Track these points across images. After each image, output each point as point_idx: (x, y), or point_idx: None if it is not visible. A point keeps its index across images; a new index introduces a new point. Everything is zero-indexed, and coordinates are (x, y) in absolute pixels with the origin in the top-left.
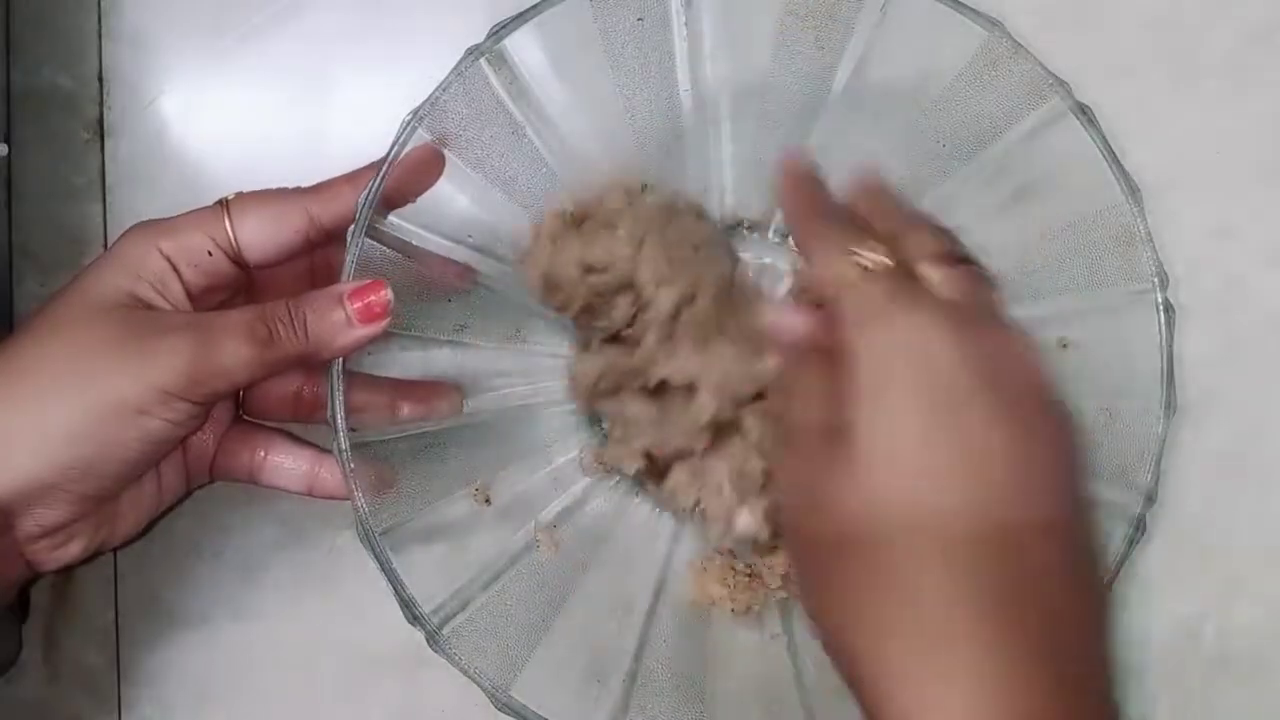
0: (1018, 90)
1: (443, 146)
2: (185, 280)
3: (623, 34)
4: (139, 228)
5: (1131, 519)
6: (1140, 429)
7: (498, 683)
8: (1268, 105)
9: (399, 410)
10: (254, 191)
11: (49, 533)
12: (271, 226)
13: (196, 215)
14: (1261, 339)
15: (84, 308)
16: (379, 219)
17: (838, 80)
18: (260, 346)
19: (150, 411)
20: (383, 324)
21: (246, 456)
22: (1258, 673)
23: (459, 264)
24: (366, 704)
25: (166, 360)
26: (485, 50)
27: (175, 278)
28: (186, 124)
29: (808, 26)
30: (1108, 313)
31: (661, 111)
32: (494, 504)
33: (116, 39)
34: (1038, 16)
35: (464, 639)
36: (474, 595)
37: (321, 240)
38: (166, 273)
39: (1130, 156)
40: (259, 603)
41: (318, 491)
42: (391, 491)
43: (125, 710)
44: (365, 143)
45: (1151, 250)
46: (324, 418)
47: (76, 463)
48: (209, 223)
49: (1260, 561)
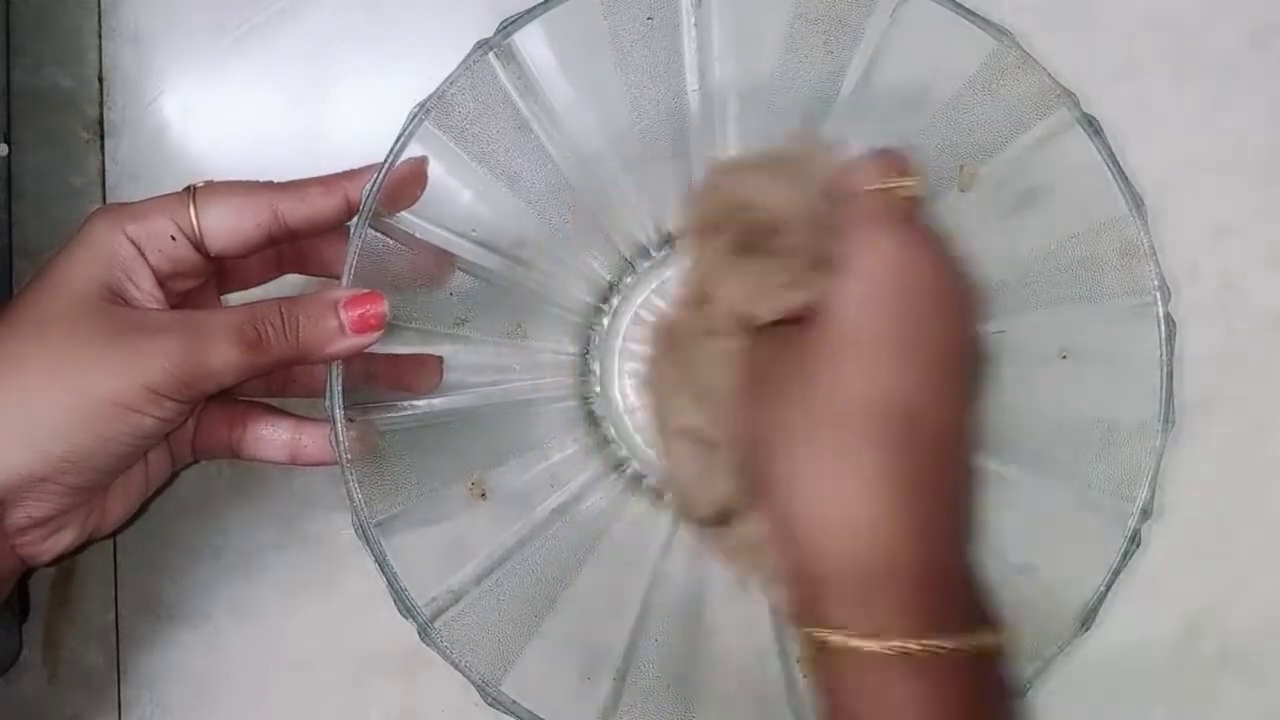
0: (1025, 100)
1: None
2: (152, 265)
3: (632, 32)
4: (104, 212)
5: (1128, 533)
6: (1138, 443)
7: (489, 677)
8: (1268, 105)
9: (380, 382)
10: (223, 181)
11: (39, 524)
12: (234, 217)
13: (162, 200)
14: (1261, 339)
15: (64, 301)
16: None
17: (845, 85)
18: (249, 349)
19: (139, 409)
20: (375, 335)
21: (226, 432)
22: (1258, 673)
23: (438, 250)
24: (366, 704)
25: (154, 361)
26: (494, 45)
27: (143, 263)
28: (186, 124)
29: (817, 30)
30: (1108, 325)
31: (668, 111)
32: (490, 498)
33: (116, 39)
34: (1038, 16)
35: (456, 633)
36: (467, 589)
37: (283, 237)
38: (135, 258)
39: (1130, 157)
40: (259, 603)
41: (301, 459)
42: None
43: (125, 710)
44: (365, 143)
45: (1154, 264)
46: (298, 391)
47: (68, 456)
48: (173, 208)
49: (1260, 562)
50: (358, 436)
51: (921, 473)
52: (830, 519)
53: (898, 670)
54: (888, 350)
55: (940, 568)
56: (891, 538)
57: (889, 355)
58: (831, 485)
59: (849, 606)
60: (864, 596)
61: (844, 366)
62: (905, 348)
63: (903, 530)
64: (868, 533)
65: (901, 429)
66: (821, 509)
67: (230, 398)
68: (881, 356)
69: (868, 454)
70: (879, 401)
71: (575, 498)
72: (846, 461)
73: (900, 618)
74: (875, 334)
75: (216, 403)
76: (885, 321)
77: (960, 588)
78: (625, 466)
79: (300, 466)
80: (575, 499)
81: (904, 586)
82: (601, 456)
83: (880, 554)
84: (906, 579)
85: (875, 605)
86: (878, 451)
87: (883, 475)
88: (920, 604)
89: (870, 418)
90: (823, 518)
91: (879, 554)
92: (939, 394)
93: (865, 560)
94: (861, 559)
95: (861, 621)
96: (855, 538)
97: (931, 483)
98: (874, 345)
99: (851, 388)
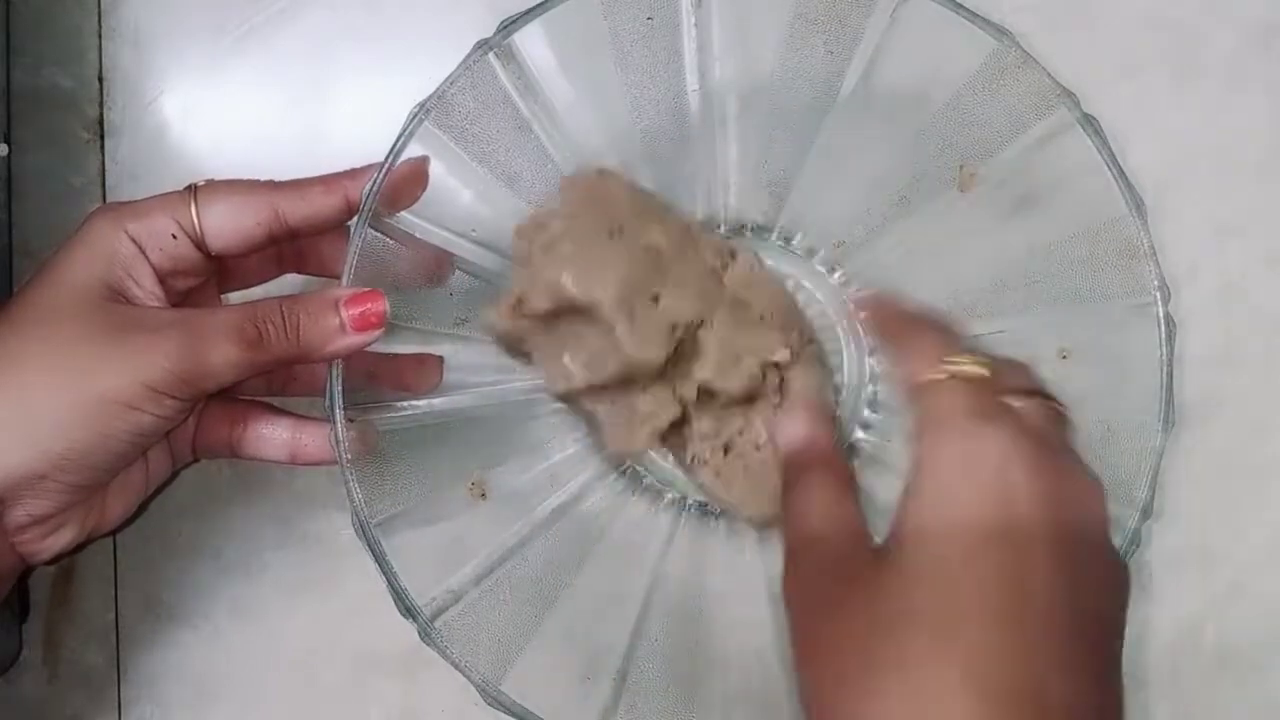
0: (1025, 100)
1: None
2: (153, 263)
3: (632, 32)
4: (105, 210)
5: (1128, 533)
6: (1138, 443)
7: (489, 677)
8: (1268, 105)
9: (381, 382)
10: (225, 180)
11: (39, 521)
12: (235, 216)
13: (163, 198)
14: (1261, 339)
15: (64, 298)
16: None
17: (845, 85)
18: (249, 348)
19: (139, 407)
20: (376, 334)
21: (226, 431)
22: (1258, 673)
23: (438, 250)
24: (366, 704)
25: (154, 359)
26: (494, 45)
27: (144, 261)
28: (186, 124)
29: (818, 30)
30: (1108, 325)
31: (668, 111)
32: (490, 498)
33: (116, 39)
34: (1038, 16)
35: (456, 633)
36: (467, 589)
37: (284, 236)
38: (135, 256)
39: (1130, 157)
40: (259, 603)
41: (300, 458)
42: (376, 455)
43: (125, 710)
44: (365, 143)
45: (1155, 264)
46: (298, 390)
47: (67, 454)
48: (174, 206)
49: (1260, 562)
50: (358, 436)
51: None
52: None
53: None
54: (974, 591)
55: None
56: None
57: (977, 599)
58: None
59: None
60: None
61: (938, 636)
62: (997, 585)
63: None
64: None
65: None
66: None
67: (231, 396)
68: (990, 623)
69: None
70: (993, 680)
71: (575, 498)
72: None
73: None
74: (958, 567)
75: (217, 401)
76: (967, 544)
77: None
78: (625, 466)
79: (300, 466)
80: (575, 499)
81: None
82: (601, 456)
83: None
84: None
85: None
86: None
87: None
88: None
89: (984, 700)
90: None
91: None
92: (1056, 655)
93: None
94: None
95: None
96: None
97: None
98: (979, 609)
99: (955, 663)
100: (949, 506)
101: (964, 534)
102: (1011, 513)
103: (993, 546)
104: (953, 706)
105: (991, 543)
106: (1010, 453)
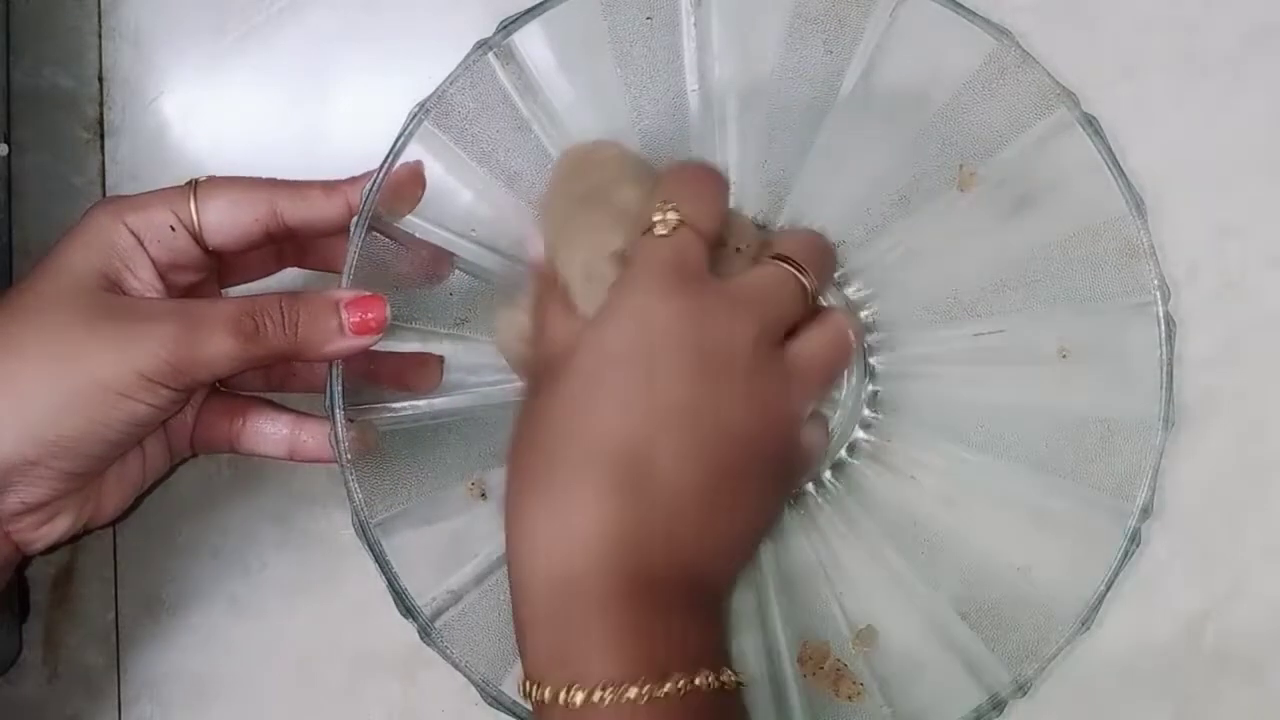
0: (1025, 100)
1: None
2: (152, 255)
3: (631, 32)
4: (105, 203)
5: (1127, 532)
6: (1138, 442)
7: (489, 677)
8: (1268, 105)
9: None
10: (226, 176)
11: (32, 509)
12: (233, 212)
13: (163, 192)
14: (1261, 339)
15: (61, 287)
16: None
17: (845, 84)
18: (245, 340)
19: (132, 395)
20: (374, 338)
21: (225, 426)
22: (1258, 673)
23: (438, 250)
24: (366, 704)
25: (149, 347)
26: (494, 44)
27: (143, 253)
28: (186, 124)
29: (817, 30)
30: (1108, 324)
31: (668, 111)
32: (490, 498)
33: (116, 39)
34: (1038, 16)
35: (457, 633)
36: (467, 589)
37: (282, 235)
38: (134, 249)
39: (1130, 157)
40: (259, 602)
41: (299, 455)
42: (376, 455)
43: (125, 710)
44: (365, 143)
45: (1154, 264)
46: (297, 386)
47: (60, 440)
48: (174, 200)
49: (1260, 561)
50: (357, 436)
51: (643, 525)
52: (539, 562)
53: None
54: (619, 398)
55: (652, 610)
56: (602, 592)
57: (618, 403)
58: (545, 528)
59: (552, 658)
60: (568, 648)
61: (574, 410)
62: (639, 397)
63: (614, 585)
64: (575, 580)
65: (624, 475)
66: (535, 551)
67: (231, 391)
68: (612, 404)
69: (579, 494)
70: (600, 447)
71: None
72: (562, 504)
73: (604, 665)
74: (611, 382)
75: (217, 396)
76: (621, 371)
77: (676, 634)
78: None
79: (299, 462)
80: None
81: (615, 633)
82: None
83: (591, 602)
84: (615, 626)
85: (585, 654)
86: (593, 495)
87: (595, 520)
88: (625, 653)
89: (589, 461)
90: (533, 560)
91: (589, 603)
92: (673, 448)
93: (570, 609)
94: (568, 608)
95: (569, 671)
96: (559, 582)
97: (654, 534)
98: (609, 392)
99: (575, 433)
100: (606, 329)
101: (609, 347)
102: (651, 333)
103: (627, 358)
104: (578, 481)
105: (628, 355)
106: (655, 299)
